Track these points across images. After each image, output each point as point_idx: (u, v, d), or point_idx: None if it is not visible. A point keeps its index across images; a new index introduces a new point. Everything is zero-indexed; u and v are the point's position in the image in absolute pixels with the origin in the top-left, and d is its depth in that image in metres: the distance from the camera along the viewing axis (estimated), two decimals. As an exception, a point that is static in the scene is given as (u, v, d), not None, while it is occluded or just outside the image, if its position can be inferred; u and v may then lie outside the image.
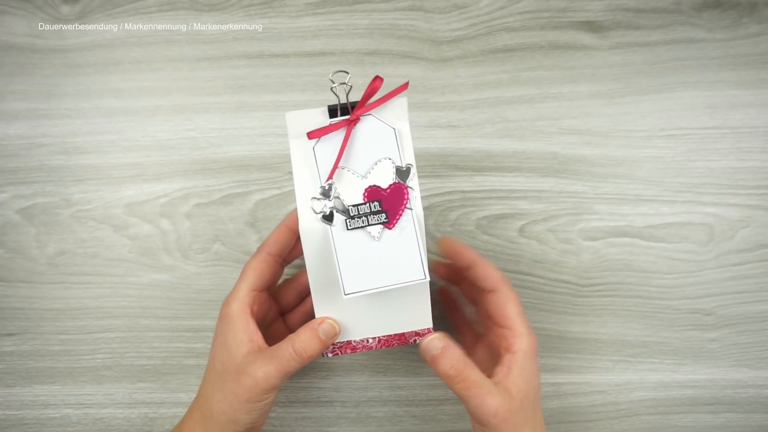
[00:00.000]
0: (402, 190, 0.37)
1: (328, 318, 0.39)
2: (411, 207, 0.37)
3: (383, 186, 0.37)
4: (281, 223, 0.42)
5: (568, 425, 0.50)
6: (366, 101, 0.37)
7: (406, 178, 0.37)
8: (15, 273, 0.50)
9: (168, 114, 0.51)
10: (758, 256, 0.51)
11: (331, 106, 0.37)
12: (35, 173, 0.51)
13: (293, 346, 0.37)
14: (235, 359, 0.37)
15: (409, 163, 0.37)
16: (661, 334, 0.50)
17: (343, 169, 0.37)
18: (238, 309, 0.39)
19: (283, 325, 0.46)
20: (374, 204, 0.37)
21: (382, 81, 0.37)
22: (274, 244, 0.41)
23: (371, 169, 0.37)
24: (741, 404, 0.50)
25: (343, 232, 0.37)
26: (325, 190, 0.37)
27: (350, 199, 0.37)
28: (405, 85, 0.37)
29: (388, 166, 0.37)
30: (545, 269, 0.51)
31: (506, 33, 0.52)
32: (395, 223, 0.37)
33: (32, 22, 0.51)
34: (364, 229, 0.37)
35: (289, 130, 0.38)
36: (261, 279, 0.40)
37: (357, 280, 0.37)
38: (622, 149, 0.51)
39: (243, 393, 0.36)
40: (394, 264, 0.37)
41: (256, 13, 0.52)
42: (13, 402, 0.50)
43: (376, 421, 0.50)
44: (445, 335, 0.38)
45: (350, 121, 0.37)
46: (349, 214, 0.37)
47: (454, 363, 0.36)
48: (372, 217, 0.37)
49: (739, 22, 0.52)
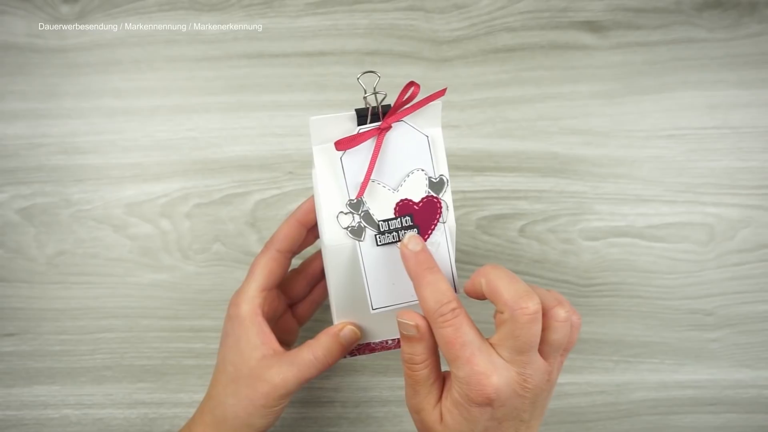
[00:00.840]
0: (435, 205, 0.35)
1: (349, 324, 0.38)
2: (444, 221, 0.35)
3: (415, 200, 0.35)
4: (290, 216, 0.40)
5: (568, 425, 0.50)
6: (399, 107, 0.35)
7: (440, 191, 0.35)
8: (15, 273, 0.50)
9: (168, 114, 0.51)
10: (759, 256, 0.51)
11: (359, 111, 0.35)
12: (35, 173, 0.51)
13: (314, 353, 0.36)
14: (249, 363, 0.37)
15: (442, 174, 0.35)
16: (662, 334, 0.50)
17: (373, 182, 0.35)
18: (249, 311, 0.38)
19: (291, 317, 0.44)
20: (406, 219, 0.35)
21: (419, 88, 0.34)
22: (284, 240, 0.39)
23: (403, 182, 0.35)
24: (742, 404, 0.50)
25: (373, 248, 0.35)
26: (353, 204, 0.35)
27: (380, 213, 0.35)
28: (443, 91, 0.34)
29: (421, 178, 0.35)
30: (545, 269, 0.51)
31: (506, 33, 0.52)
32: (427, 238, 0.35)
33: (32, 22, 0.51)
34: (395, 244, 0.35)
35: (312, 136, 0.35)
36: (271, 278, 0.39)
37: (385, 296, 0.35)
38: (622, 149, 0.51)
39: (259, 398, 0.36)
40: None
41: (256, 13, 0.52)
42: (13, 402, 0.50)
43: (376, 422, 0.50)
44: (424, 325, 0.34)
45: (381, 129, 0.34)
46: (380, 230, 0.35)
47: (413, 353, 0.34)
48: (403, 233, 0.35)
49: (740, 22, 0.52)
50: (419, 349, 0.34)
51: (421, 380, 0.34)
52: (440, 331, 0.32)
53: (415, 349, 0.34)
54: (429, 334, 0.34)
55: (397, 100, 0.34)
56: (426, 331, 0.34)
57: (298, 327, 0.45)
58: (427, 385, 0.34)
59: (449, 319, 0.32)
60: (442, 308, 0.32)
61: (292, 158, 0.51)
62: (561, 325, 0.32)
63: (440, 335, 0.32)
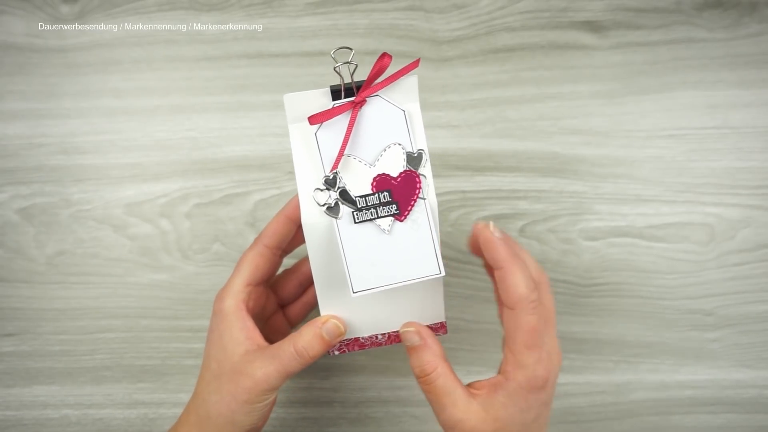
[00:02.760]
0: (414, 179, 0.34)
1: (332, 317, 0.37)
2: (424, 197, 0.34)
3: (393, 174, 0.34)
4: (279, 212, 0.39)
5: (568, 425, 0.50)
6: (373, 81, 0.34)
7: (418, 165, 0.34)
8: (14, 273, 0.50)
9: (168, 114, 0.51)
10: (759, 256, 0.51)
11: (333, 87, 0.34)
12: (34, 173, 0.51)
13: (295, 346, 0.35)
14: (232, 358, 0.36)
15: (420, 148, 0.34)
16: (662, 334, 0.50)
17: (348, 156, 0.34)
18: (232, 305, 0.37)
19: (282, 318, 0.44)
20: (384, 194, 0.34)
21: (390, 58, 0.33)
22: (271, 236, 0.39)
23: (380, 156, 0.34)
24: (742, 404, 0.50)
25: (350, 225, 0.34)
26: (329, 180, 0.34)
27: (357, 189, 0.34)
28: (416, 62, 0.34)
29: (398, 152, 0.34)
30: (546, 269, 0.50)
31: (506, 33, 0.52)
32: (407, 214, 0.34)
33: (31, 21, 0.51)
34: (373, 221, 0.34)
35: (288, 113, 0.35)
36: (257, 273, 0.38)
37: (366, 278, 0.34)
38: (622, 149, 0.51)
39: (241, 394, 0.35)
40: (406, 258, 0.34)
41: (256, 13, 0.52)
42: (12, 402, 0.50)
43: (375, 422, 0.50)
44: (426, 331, 0.35)
45: (356, 103, 0.34)
46: (357, 206, 0.34)
47: (422, 363, 0.34)
48: (382, 209, 0.34)
49: (740, 22, 0.52)
50: (427, 356, 0.34)
51: (442, 389, 0.33)
52: (526, 317, 0.32)
53: (423, 357, 0.34)
54: (432, 339, 0.34)
55: (370, 73, 0.34)
56: (428, 336, 0.34)
57: (290, 329, 0.44)
58: (449, 392, 0.33)
59: (537, 306, 0.33)
60: (533, 294, 0.33)
61: (291, 158, 0.51)
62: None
63: (524, 321, 0.33)
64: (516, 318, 0.33)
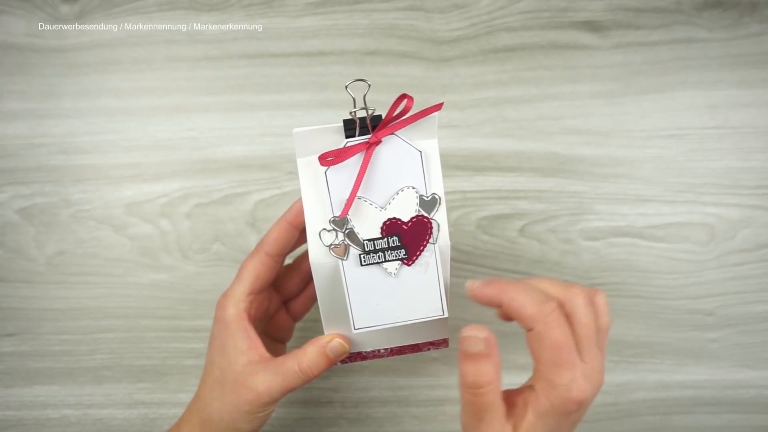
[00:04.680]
0: (425, 226, 0.33)
1: (337, 335, 0.37)
2: (434, 242, 0.33)
3: (404, 219, 0.33)
4: (281, 218, 0.38)
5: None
6: (390, 122, 0.32)
7: (432, 210, 0.33)
8: (14, 273, 0.50)
9: (168, 114, 0.51)
10: (759, 256, 0.51)
11: (347, 122, 0.33)
12: (34, 173, 0.51)
13: (300, 365, 0.35)
14: (235, 368, 0.36)
15: (435, 192, 0.33)
16: (662, 334, 0.50)
17: (359, 199, 0.33)
18: (234, 314, 0.37)
19: (285, 314, 0.43)
20: (393, 239, 0.33)
21: (412, 102, 0.32)
22: (273, 244, 0.38)
23: (391, 200, 0.33)
24: (742, 404, 0.50)
25: (357, 267, 0.33)
26: (337, 222, 0.33)
27: (366, 232, 0.33)
28: (439, 105, 0.32)
29: (411, 196, 0.33)
30: (546, 269, 0.51)
31: (506, 33, 0.52)
32: (415, 259, 0.33)
33: (31, 21, 0.51)
34: (380, 265, 0.33)
35: (297, 149, 0.33)
36: (258, 282, 0.38)
37: (369, 316, 0.34)
38: (622, 149, 0.51)
39: (243, 405, 0.36)
40: (410, 299, 0.34)
41: (256, 13, 0.52)
42: (13, 402, 0.50)
43: (375, 422, 0.50)
44: (494, 340, 0.32)
45: (370, 143, 0.32)
46: (364, 249, 0.33)
47: (479, 374, 0.31)
48: (389, 253, 0.33)
49: (740, 22, 0.52)
50: (486, 368, 0.31)
51: (488, 406, 0.31)
52: (549, 333, 0.30)
53: (482, 368, 0.31)
54: (496, 349, 0.32)
55: (388, 114, 0.32)
56: (494, 347, 0.32)
57: (293, 323, 0.44)
58: (493, 410, 0.31)
59: (557, 318, 0.30)
60: (546, 307, 0.30)
61: (292, 158, 0.51)
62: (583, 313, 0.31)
63: (548, 338, 0.30)
64: (538, 336, 0.30)
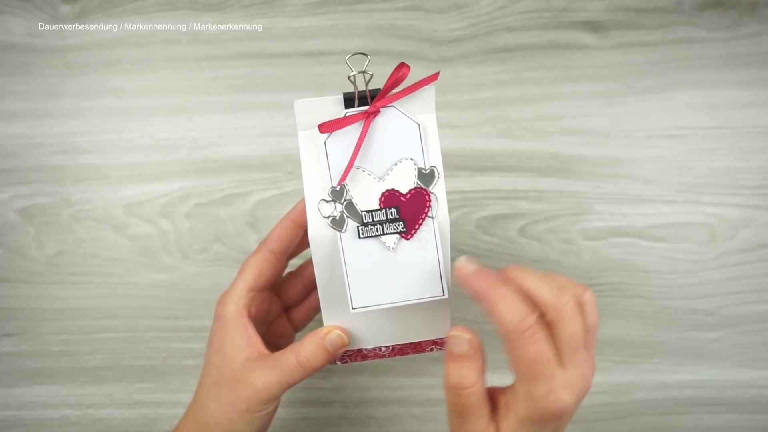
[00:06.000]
0: (423, 197, 0.33)
1: (336, 328, 0.36)
2: (433, 216, 0.33)
3: (403, 190, 0.33)
4: (285, 216, 0.38)
5: (568, 425, 0.50)
6: (388, 91, 0.33)
7: (430, 182, 0.33)
8: (14, 273, 0.50)
9: (168, 114, 0.51)
10: (759, 256, 0.51)
11: (347, 95, 0.33)
12: (35, 173, 0.51)
13: (297, 357, 0.34)
14: (232, 366, 0.35)
15: (433, 165, 0.33)
16: (662, 334, 0.50)
17: (357, 168, 0.33)
18: (234, 311, 0.36)
19: (286, 321, 0.43)
20: (391, 211, 0.33)
21: (409, 69, 0.32)
22: (277, 241, 0.38)
23: (390, 170, 0.33)
24: (742, 404, 0.50)
25: (354, 240, 0.33)
26: (335, 192, 0.33)
27: (364, 203, 0.33)
28: (435, 75, 0.32)
29: (410, 167, 0.33)
30: (546, 269, 0.51)
31: (506, 33, 0.52)
32: (414, 233, 0.33)
33: (32, 21, 0.51)
34: (378, 238, 0.33)
35: (298, 120, 0.34)
36: (260, 279, 0.37)
37: (367, 295, 0.33)
38: (622, 149, 0.51)
39: (241, 403, 0.34)
40: (410, 278, 0.33)
41: (256, 13, 0.52)
42: (13, 402, 0.50)
43: (376, 422, 0.50)
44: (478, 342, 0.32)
45: (369, 113, 0.33)
46: (362, 221, 0.33)
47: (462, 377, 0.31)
48: (388, 226, 0.33)
49: (740, 22, 0.52)
50: (469, 370, 0.31)
51: (471, 407, 0.31)
52: (524, 349, 0.29)
53: (465, 370, 0.31)
54: (481, 352, 0.32)
55: (387, 82, 0.33)
56: (478, 349, 0.32)
57: (293, 333, 0.43)
58: (476, 411, 0.31)
59: (534, 334, 0.29)
60: (525, 322, 0.29)
61: (292, 158, 0.51)
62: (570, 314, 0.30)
63: (524, 353, 0.29)
64: (513, 348, 0.30)
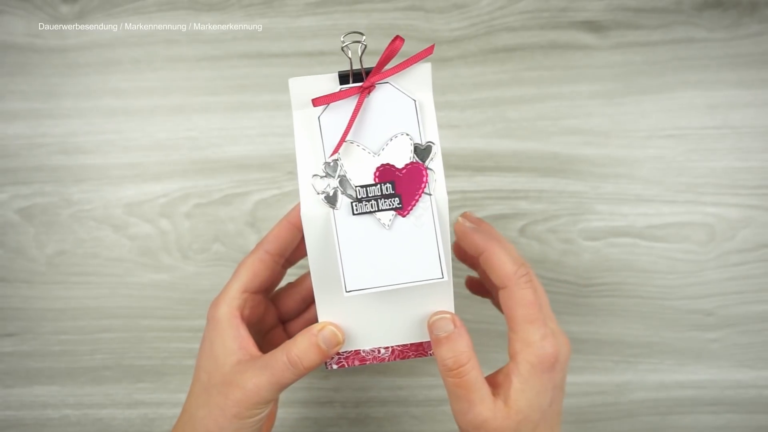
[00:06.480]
0: (420, 172, 0.32)
1: (330, 324, 0.34)
2: (430, 192, 0.32)
3: (398, 165, 0.32)
4: (283, 218, 0.37)
5: (568, 425, 0.50)
6: (383, 66, 0.32)
7: (426, 157, 0.32)
8: (15, 273, 0.50)
9: (168, 114, 0.51)
10: (759, 256, 0.51)
11: (342, 72, 0.33)
12: (35, 173, 0.51)
13: (288, 355, 0.32)
14: (223, 369, 0.33)
15: (430, 140, 0.32)
16: (662, 334, 0.50)
17: (352, 143, 0.32)
18: (226, 312, 0.34)
19: (283, 334, 0.41)
20: (386, 186, 0.32)
21: (403, 41, 0.31)
22: (273, 241, 0.36)
23: (385, 146, 0.32)
24: (742, 404, 0.50)
25: (348, 217, 0.32)
26: (329, 167, 0.32)
27: (358, 178, 0.32)
28: (430, 48, 0.32)
29: (406, 142, 0.32)
30: (546, 269, 0.51)
31: (506, 33, 0.52)
32: (410, 210, 0.32)
33: (32, 21, 0.51)
34: (373, 214, 0.32)
35: (293, 99, 0.33)
36: (255, 280, 0.36)
37: (361, 276, 0.31)
38: (622, 149, 0.51)
39: (230, 407, 0.32)
40: (406, 259, 0.32)
41: (256, 13, 0.52)
42: (13, 402, 0.50)
43: (375, 422, 0.50)
44: (459, 320, 0.33)
45: (363, 88, 0.32)
46: (356, 196, 0.32)
47: (456, 354, 0.31)
48: (383, 201, 0.32)
49: (740, 22, 0.52)
50: (462, 346, 0.32)
51: (473, 385, 0.31)
52: (523, 291, 0.32)
53: (458, 346, 0.31)
54: (465, 327, 0.33)
55: (381, 57, 0.32)
56: (462, 324, 0.32)
57: None
58: (479, 388, 0.31)
59: (530, 280, 0.32)
60: (522, 269, 0.32)
61: (292, 158, 0.51)
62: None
63: (522, 295, 0.32)
64: (511, 295, 0.32)
